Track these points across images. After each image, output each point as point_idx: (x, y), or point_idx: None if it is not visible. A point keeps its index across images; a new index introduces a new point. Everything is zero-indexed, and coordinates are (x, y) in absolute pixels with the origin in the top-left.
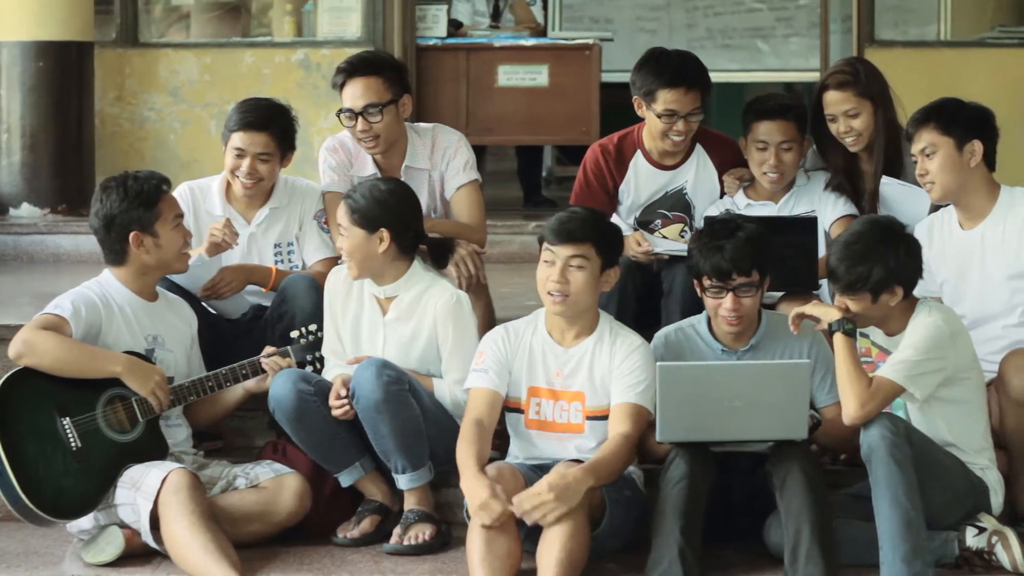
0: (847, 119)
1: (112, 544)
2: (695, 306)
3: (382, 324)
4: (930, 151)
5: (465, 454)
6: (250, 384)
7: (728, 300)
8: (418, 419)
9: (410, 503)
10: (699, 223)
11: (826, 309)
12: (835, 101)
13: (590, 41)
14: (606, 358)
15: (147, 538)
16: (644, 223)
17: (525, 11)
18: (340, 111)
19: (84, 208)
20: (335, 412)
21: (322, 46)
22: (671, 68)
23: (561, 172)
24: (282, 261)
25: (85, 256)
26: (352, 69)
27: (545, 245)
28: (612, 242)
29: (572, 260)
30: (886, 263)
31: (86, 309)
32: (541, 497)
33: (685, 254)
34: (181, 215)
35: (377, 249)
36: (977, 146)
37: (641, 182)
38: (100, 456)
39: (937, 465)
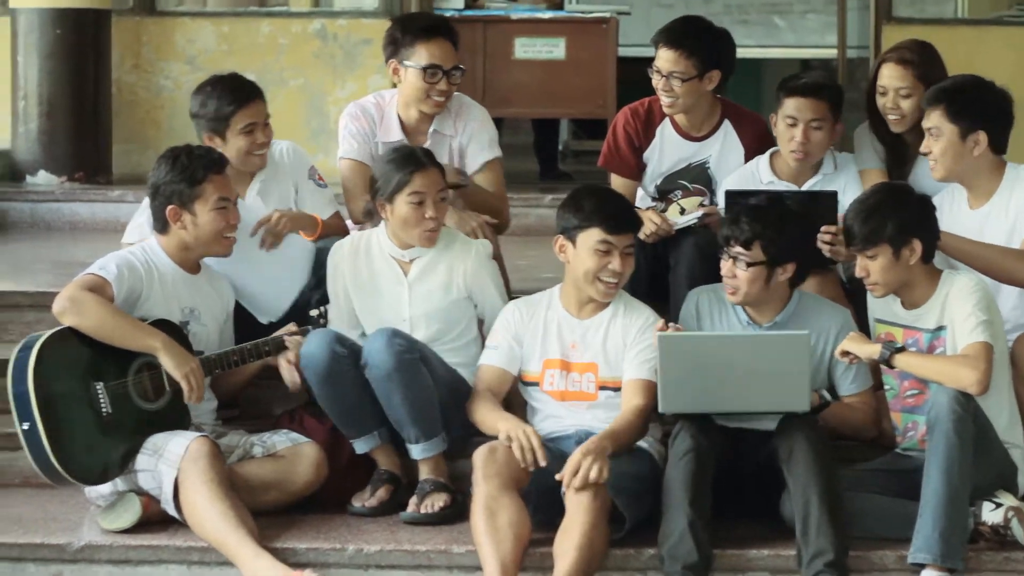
0: (897, 97)
1: (130, 511)
2: (701, 281)
3: (405, 285)
4: (935, 133)
5: (482, 407)
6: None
7: (726, 267)
8: (431, 389)
9: (425, 473)
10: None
11: (863, 345)
12: (892, 76)
13: (607, 15)
14: (619, 331)
15: (167, 506)
16: (664, 192)
17: None
18: (425, 67)
19: (100, 176)
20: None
21: (339, 16)
22: (664, 28)
23: (577, 146)
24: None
25: (101, 224)
26: (439, 27)
27: (603, 236)
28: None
29: (628, 248)
30: (901, 214)
31: (129, 273)
32: (576, 460)
33: (697, 222)
34: (228, 199)
35: None
36: (981, 137)
37: (666, 150)
38: (128, 423)
39: (990, 446)
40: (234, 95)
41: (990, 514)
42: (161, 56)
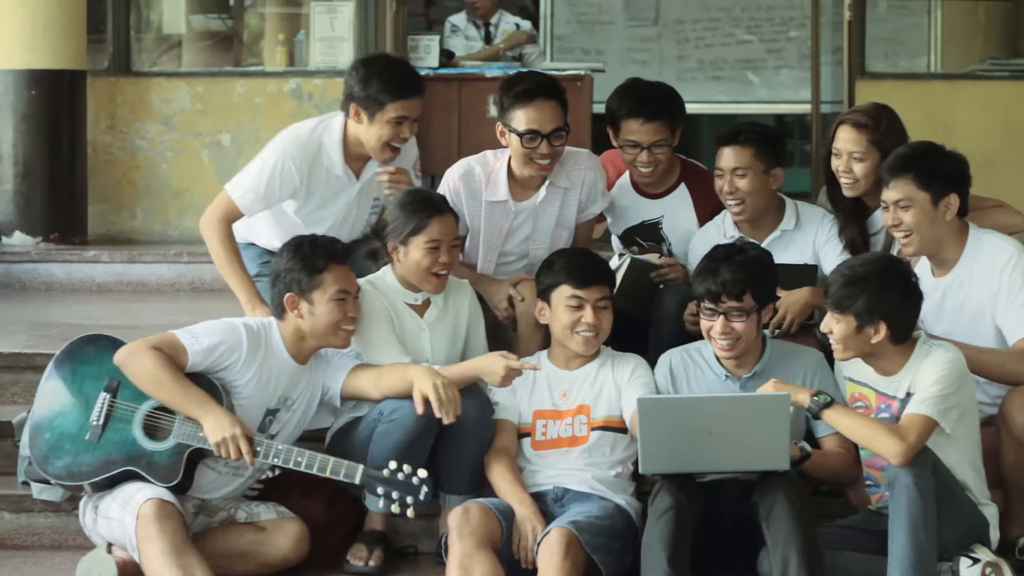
0: (850, 160)
1: (105, 574)
2: (685, 336)
3: (425, 329)
4: (905, 204)
5: (499, 473)
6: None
7: (718, 323)
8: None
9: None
10: (676, 252)
11: (798, 393)
12: (847, 139)
13: (581, 72)
14: (609, 373)
15: (133, 553)
16: (625, 244)
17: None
18: (523, 132)
19: (76, 237)
20: None
21: (314, 76)
22: (633, 100)
23: None
24: (375, 213)
25: (77, 285)
26: (536, 90)
27: (572, 291)
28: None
29: (600, 301)
30: (878, 294)
31: (225, 352)
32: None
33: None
34: (347, 291)
35: None
36: (953, 200)
37: (621, 203)
38: (113, 444)
39: (953, 499)
40: (400, 85)
41: (968, 570)
42: (136, 116)
